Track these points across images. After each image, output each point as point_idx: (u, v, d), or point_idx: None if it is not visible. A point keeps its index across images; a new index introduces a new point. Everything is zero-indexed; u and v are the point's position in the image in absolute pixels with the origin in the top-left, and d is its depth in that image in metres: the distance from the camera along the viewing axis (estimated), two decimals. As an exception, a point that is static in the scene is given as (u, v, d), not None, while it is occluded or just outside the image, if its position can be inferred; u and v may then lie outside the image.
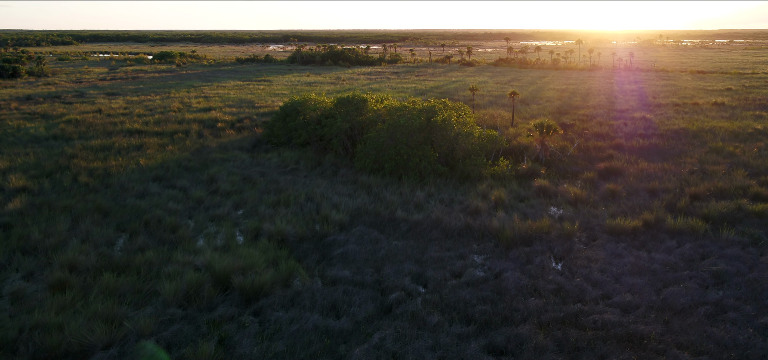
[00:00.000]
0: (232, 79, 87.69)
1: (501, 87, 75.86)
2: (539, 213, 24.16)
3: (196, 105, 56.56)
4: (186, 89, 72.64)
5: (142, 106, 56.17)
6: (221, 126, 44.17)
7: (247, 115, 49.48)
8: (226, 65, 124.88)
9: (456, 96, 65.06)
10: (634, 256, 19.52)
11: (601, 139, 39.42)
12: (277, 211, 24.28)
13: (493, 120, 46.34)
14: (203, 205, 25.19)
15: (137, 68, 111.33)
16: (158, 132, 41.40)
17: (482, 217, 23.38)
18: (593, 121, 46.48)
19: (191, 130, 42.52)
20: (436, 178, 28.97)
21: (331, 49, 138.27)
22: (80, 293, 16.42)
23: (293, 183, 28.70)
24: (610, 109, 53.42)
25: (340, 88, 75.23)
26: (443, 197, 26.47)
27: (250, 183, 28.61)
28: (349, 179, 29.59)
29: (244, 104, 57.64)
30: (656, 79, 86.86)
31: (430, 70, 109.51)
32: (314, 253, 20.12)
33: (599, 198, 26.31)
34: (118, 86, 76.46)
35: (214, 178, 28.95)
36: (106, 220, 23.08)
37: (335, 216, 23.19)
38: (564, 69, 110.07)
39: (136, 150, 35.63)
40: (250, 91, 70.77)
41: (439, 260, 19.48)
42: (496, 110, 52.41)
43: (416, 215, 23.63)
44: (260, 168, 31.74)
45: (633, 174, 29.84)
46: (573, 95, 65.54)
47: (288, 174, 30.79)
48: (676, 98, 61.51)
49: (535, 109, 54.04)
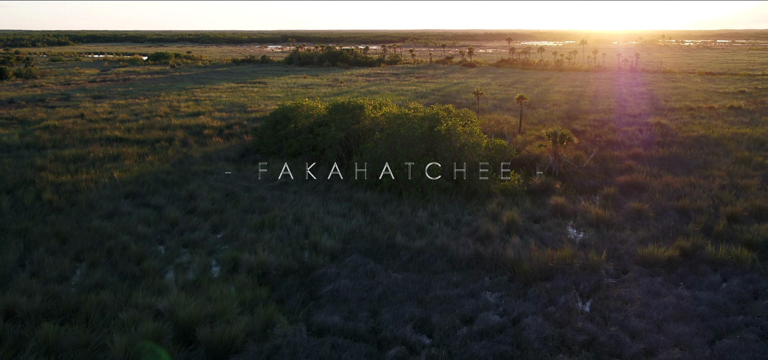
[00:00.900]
0: (226, 81, 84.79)
1: (504, 89, 73.00)
2: (558, 238, 21.28)
3: (184, 109, 53.66)
4: (177, 92, 69.74)
5: (128, 110, 53.27)
6: (208, 133, 41.26)
7: (238, 121, 46.58)
8: (221, 66, 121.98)
9: (458, 99, 62.20)
10: (674, 296, 16.63)
11: (616, 147, 36.54)
12: (260, 235, 21.38)
13: (499, 126, 43.44)
14: (178, 228, 22.29)
15: (130, 69, 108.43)
16: (139, 140, 38.49)
17: (494, 244, 20.49)
18: (605, 127, 43.60)
19: (175, 137, 39.60)
20: (439, 195, 26.09)
21: (329, 50, 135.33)
22: (10, 350, 13.51)
23: (281, 200, 25.80)
24: (622, 114, 50.55)
25: (338, 91, 72.36)
26: (448, 218, 23.58)
27: (234, 200, 25.71)
28: (343, 195, 26.70)
29: (236, 108, 54.73)
30: (664, 81, 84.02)
31: (430, 72, 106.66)
32: (300, 290, 17.22)
33: (624, 218, 23.43)
34: (106, 89, 73.57)
35: (193, 195, 26.03)
36: (64, 247, 20.18)
37: (326, 242, 20.30)
38: (568, 70, 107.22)
39: (112, 161, 32.73)
40: (243, 94, 67.87)
41: (446, 300, 16.59)
42: (501, 115, 49.52)
43: (418, 241, 20.74)
44: (246, 182, 28.84)
45: (658, 190, 26.95)
46: (580, 98, 62.67)
47: (276, 189, 27.89)
48: (689, 101, 58.66)
49: (541, 113, 51.17)
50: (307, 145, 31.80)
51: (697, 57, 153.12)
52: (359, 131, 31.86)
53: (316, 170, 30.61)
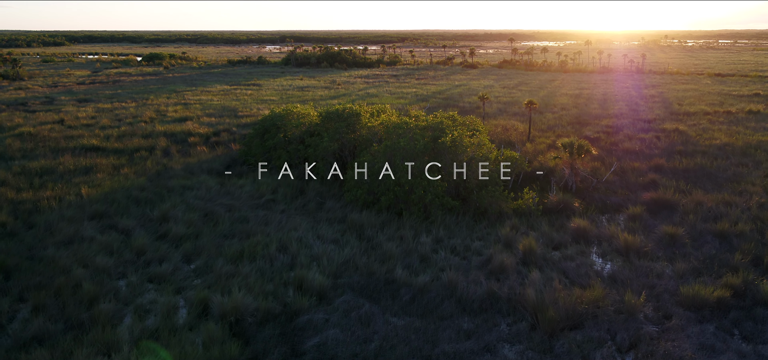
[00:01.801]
0: (220, 83, 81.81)
1: (509, 92, 70.04)
2: (583, 270, 18.36)
3: (171, 114, 50.67)
4: (167, 95, 66.76)
5: (112, 115, 50.30)
6: (193, 141, 38.28)
7: (226, 127, 43.61)
8: (216, 67, 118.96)
9: (461, 103, 59.27)
10: (733, 352, 13.70)
11: (635, 157, 33.60)
12: (238, 267, 18.44)
13: (506, 134, 40.49)
14: (144, 258, 19.35)
15: (122, 71, 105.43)
16: (117, 149, 35.52)
17: (510, 279, 17.56)
18: (620, 134, 40.66)
19: (157, 146, 36.63)
20: (444, 215, 23.17)
21: (327, 51, 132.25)
22: None
23: (266, 222, 22.86)
24: (635, 119, 47.63)
25: (335, 93, 69.41)
26: (455, 244, 20.65)
27: (212, 222, 22.76)
28: (336, 216, 23.75)
29: (226, 113, 51.76)
30: (673, 82, 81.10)
31: (431, 73, 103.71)
32: (280, 344, 14.28)
33: (656, 244, 20.50)
34: (94, 91, 70.58)
35: (167, 216, 23.05)
36: (7, 283, 17.24)
37: (314, 278, 17.35)
38: (573, 71, 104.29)
39: (83, 174, 29.76)
40: (235, 97, 64.90)
41: (457, 358, 13.65)
42: (507, 120, 46.59)
43: (422, 276, 17.81)
44: (228, 199, 25.87)
45: (690, 209, 23.99)
46: (589, 101, 59.73)
47: (261, 208, 24.93)
48: (704, 105, 55.75)
49: (550, 118, 48.23)
50: (297, 156, 28.83)
51: (703, 58, 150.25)
52: (355, 141, 28.94)
53: (308, 185, 27.67)
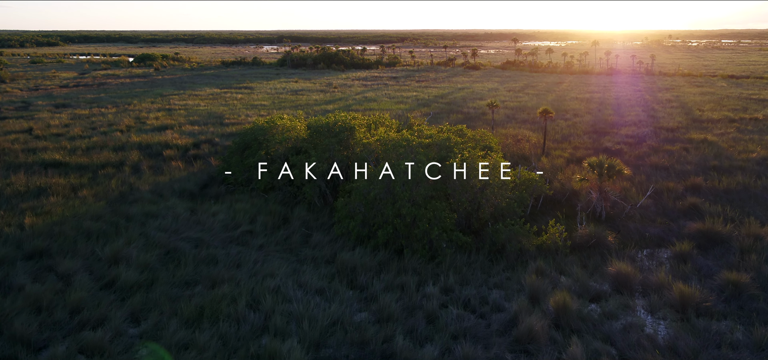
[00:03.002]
0: (210, 86, 77.79)
1: (515, 96, 66.04)
2: (634, 336, 14.41)
3: (152, 121, 46.67)
4: (152, 99, 62.75)
5: (87, 122, 46.30)
6: (169, 154, 34.28)
7: (209, 137, 39.61)
8: (208, 69, 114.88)
9: (465, 108, 55.30)
10: None
11: (666, 174, 29.65)
12: (196, 333, 14.46)
13: (517, 145, 36.49)
14: (80, 317, 15.36)
15: (110, 72, 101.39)
16: (82, 165, 31.52)
17: (542, 355, 13.60)
18: (644, 146, 36.70)
19: (127, 161, 32.66)
20: (454, 253, 19.22)
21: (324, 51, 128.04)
22: None
23: (238, 263, 18.90)
24: (656, 127, 43.69)
25: (331, 97, 65.41)
26: (469, 295, 16.70)
27: (173, 263, 18.79)
28: (323, 254, 19.78)
29: (211, 120, 47.75)
30: (687, 85, 77.14)
31: (432, 75, 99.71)
32: None
33: (718, 296, 16.54)
34: (75, 95, 66.54)
35: (118, 256, 19.01)
36: None
37: (290, 353, 13.39)
38: (580, 73, 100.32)
39: (33, 197, 25.76)
40: (224, 102, 60.88)
41: None
42: (517, 129, 42.61)
43: (429, 347, 13.88)
44: (198, 230, 21.90)
45: (747, 245, 19.99)
46: (602, 106, 55.75)
47: (235, 243, 20.97)
48: (727, 111, 51.79)
49: (563, 126, 44.27)
50: (281, 177, 24.82)
51: (711, 58, 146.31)
52: (349, 159, 24.96)
53: (292, 211, 23.68)
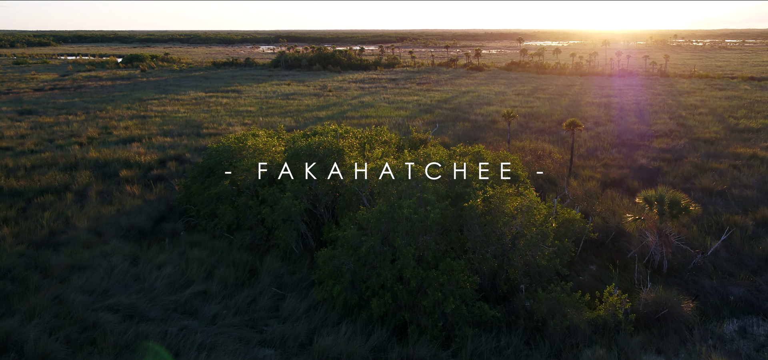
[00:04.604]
0: (195, 90, 72.35)
1: (525, 100, 60.65)
2: None
3: (120, 132, 41.27)
4: (128, 104, 57.32)
5: (47, 132, 40.90)
6: (126, 175, 28.90)
7: (179, 152, 34.22)
8: (198, 70, 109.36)
9: (471, 114, 49.94)
10: None
11: (725, 202, 24.31)
12: None
13: (538, 163, 31.12)
14: None
15: (93, 74, 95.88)
16: (15, 192, 26.10)
17: None
18: (686, 164, 31.40)
19: (75, 184, 27.30)
20: (476, 334, 13.90)
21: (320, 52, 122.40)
22: None
23: (177, 350, 13.53)
24: (692, 138, 38.38)
25: (324, 103, 60.01)
26: (505, 413, 11.33)
27: (86, 351, 13.42)
28: (297, 333, 14.43)
29: (188, 129, 42.36)
30: (708, 87, 71.84)
31: (433, 77, 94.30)
32: None
33: None
34: (47, 100, 61.08)
35: (7, 342, 13.65)
36: None
37: None
38: (589, 74, 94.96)
39: (-64, 239, 20.34)
40: (207, 107, 55.46)
41: None
42: (533, 141, 37.27)
43: None
44: (135, 290, 16.54)
45: None
46: (623, 113, 50.39)
47: (181, 312, 15.61)
48: (764, 118, 46.47)
49: (585, 137, 38.92)
50: (251, 214, 19.41)
51: (722, 58, 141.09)
52: (336, 191, 19.61)
53: (262, 262, 18.30)
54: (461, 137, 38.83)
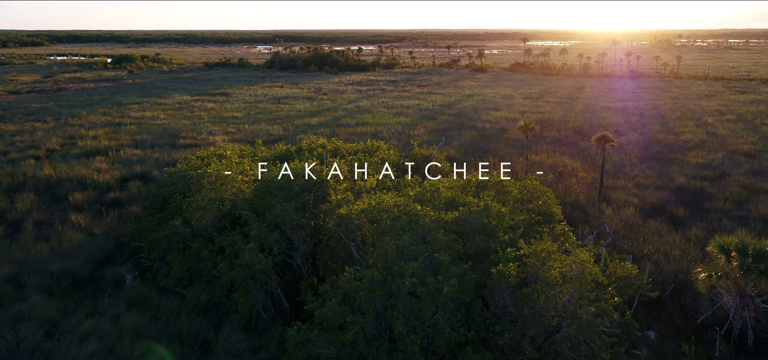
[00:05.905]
0: (181, 93, 67.89)
1: (534, 104, 56.25)
2: None
3: (86, 142, 36.85)
4: (105, 109, 52.87)
5: (6, 142, 36.50)
6: (77, 200, 24.49)
7: (146, 169, 29.83)
8: (189, 71, 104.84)
9: (478, 121, 45.56)
10: None
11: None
12: None
13: (562, 183, 26.70)
14: None
15: (77, 76, 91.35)
16: (-64, 222, 21.67)
17: None
18: (733, 183, 27.06)
19: (13, 210, 22.92)
20: None
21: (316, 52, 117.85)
22: None
23: None
24: (729, 151, 34.04)
25: (318, 107, 55.58)
26: None
27: None
28: None
29: (162, 140, 37.94)
30: (727, 90, 67.52)
31: (435, 78, 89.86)
32: None
33: None
34: (18, 104, 56.61)
35: None
36: None
37: None
38: (599, 76, 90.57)
39: None
40: (190, 113, 51.04)
41: None
42: (551, 155, 32.91)
43: None
44: (40, 381, 12.11)
45: None
46: (644, 119, 46.01)
47: (95, 420, 11.19)
48: (801, 126, 42.14)
49: (609, 150, 34.26)
50: (207, 265, 14.98)
51: (731, 59, 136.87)
52: (318, 233, 15.21)
53: (219, 333, 13.88)
54: (469, 148, 34.49)
